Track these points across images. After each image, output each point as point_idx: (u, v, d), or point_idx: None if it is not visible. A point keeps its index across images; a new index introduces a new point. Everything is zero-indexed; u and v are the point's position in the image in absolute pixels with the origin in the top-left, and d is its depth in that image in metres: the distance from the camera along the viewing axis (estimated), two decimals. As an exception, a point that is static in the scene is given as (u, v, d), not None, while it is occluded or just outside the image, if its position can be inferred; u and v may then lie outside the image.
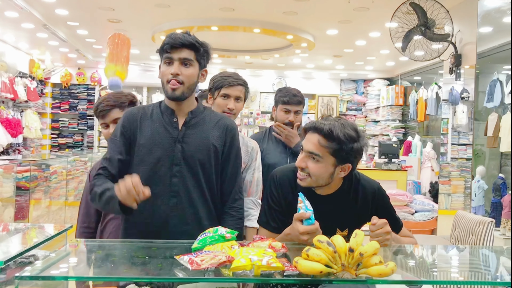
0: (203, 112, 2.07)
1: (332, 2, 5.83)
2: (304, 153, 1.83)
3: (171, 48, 1.93)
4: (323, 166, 1.80)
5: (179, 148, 1.97)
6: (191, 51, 1.95)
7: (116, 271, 1.45)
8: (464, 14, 5.54)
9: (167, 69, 1.95)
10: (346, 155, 1.79)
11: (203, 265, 1.37)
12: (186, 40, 1.93)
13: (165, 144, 1.97)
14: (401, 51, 5.61)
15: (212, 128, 2.03)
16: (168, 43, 1.93)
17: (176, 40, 1.93)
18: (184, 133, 1.99)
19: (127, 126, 2.01)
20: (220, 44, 8.61)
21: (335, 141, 1.76)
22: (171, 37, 1.94)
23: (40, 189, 6.02)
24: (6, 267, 1.49)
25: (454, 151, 6.03)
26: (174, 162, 1.95)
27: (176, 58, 1.94)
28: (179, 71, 1.93)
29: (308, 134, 1.84)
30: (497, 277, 1.64)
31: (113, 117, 2.35)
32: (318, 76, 11.34)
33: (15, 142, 8.63)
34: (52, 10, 6.44)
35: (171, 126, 1.99)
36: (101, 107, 2.35)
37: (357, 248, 1.40)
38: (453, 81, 5.77)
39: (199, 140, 1.99)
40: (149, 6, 6.19)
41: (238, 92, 2.52)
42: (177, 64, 1.94)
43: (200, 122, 2.03)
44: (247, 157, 2.58)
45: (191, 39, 1.95)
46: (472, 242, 3.31)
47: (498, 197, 5.87)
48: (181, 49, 1.93)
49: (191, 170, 1.96)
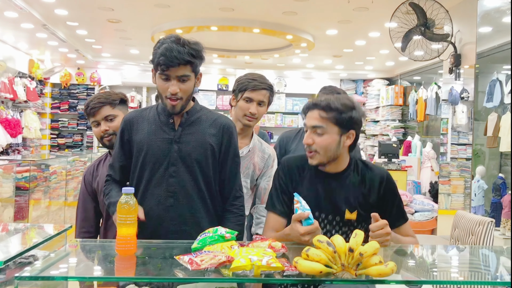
0: (199, 112, 2.06)
1: (332, 2, 5.83)
2: (309, 129, 1.92)
3: (169, 67, 1.89)
4: (328, 137, 1.88)
5: (176, 148, 1.97)
6: (187, 66, 1.92)
7: (115, 271, 1.45)
8: (464, 14, 5.54)
9: (165, 85, 1.93)
10: (348, 122, 1.89)
11: (203, 265, 1.37)
12: (182, 58, 1.88)
13: (162, 145, 1.97)
14: (400, 51, 5.61)
15: (209, 127, 2.03)
16: (164, 63, 1.87)
17: (172, 60, 1.87)
18: (180, 133, 1.99)
19: (126, 131, 2.04)
20: (220, 44, 8.61)
21: (334, 111, 1.87)
22: (166, 55, 1.87)
23: (40, 189, 6.02)
24: (5, 267, 1.49)
25: (453, 151, 6.03)
26: (171, 162, 1.96)
27: (173, 76, 1.92)
28: (177, 88, 1.92)
29: (309, 113, 1.93)
30: (497, 277, 1.64)
31: (104, 114, 2.35)
32: (317, 76, 11.34)
33: (15, 142, 8.63)
34: (52, 10, 6.43)
35: (167, 126, 2.00)
36: (92, 104, 2.35)
37: (357, 248, 1.40)
38: (453, 81, 5.77)
39: (195, 139, 1.99)
40: (149, 6, 6.19)
41: (261, 96, 2.45)
42: (174, 81, 1.92)
43: (196, 122, 2.03)
44: (262, 164, 2.54)
45: (187, 56, 1.89)
46: (472, 242, 3.31)
47: (498, 197, 5.87)
48: (178, 66, 1.90)
49: (188, 170, 1.96)
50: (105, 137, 2.36)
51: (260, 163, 2.53)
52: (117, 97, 2.41)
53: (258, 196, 2.56)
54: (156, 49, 1.92)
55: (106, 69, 10.96)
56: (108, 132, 2.35)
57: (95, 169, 2.46)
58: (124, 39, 8.21)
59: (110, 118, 2.36)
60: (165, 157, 1.96)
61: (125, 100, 2.46)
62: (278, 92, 11.17)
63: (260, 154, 2.54)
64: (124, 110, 2.43)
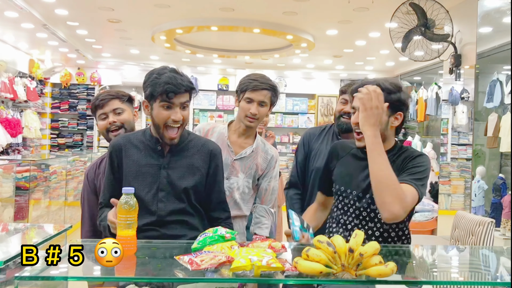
0: (187, 138, 2.10)
1: (332, 2, 5.83)
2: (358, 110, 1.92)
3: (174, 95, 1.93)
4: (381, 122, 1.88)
5: (164, 174, 2.01)
6: (187, 94, 1.98)
7: (115, 271, 1.45)
8: (464, 14, 5.54)
9: (166, 113, 1.96)
10: (396, 103, 1.92)
11: (202, 265, 1.37)
12: (187, 85, 1.96)
13: (151, 170, 2.01)
14: (401, 51, 5.61)
15: (197, 152, 2.08)
16: (172, 90, 1.92)
17: (179, 87, 1.93)
18: (169, 159, 2.03)
19: (114, 156, 2.06)
20: (220, 44, 8.60)
21: (384, 91, 1.88)
22: (172, 83, 1.92)
23: (40, 189, 6.02)
24: (5, 267, 1.49)
25: (454, 151, 6.04)
26: (160, 188, 1.99)
27: (177, 103, 1.95)
28: (181, 116, 1.97)
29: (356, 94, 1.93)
30: (497, 277, 1.64)
31: (113, 107, 2.39)
32: (318, 76, 11.34)
33: (15, 142, 8.63)
34: (52, 10, 6.43)
35: (156, 153, 2.04)
36: (102, 96, 2.39)
37: (357, 249, 1.40)
38: (453, 81, 5.77)
39: (184, 165, 2.03)
40: (149, 6, 6.19)
41: (262, 97, 2.43)
42: (177, 109, 1.96)
43: (185, 148, 2.07)
44: (265, 165, 2.53)
45: (188, 83, 1.97)
46: (472, 242, 3.31)
47: (498, 197, 5.87)
48: (183, 94, 1.95)
49: (177, 195, 2.00)
50: (112, 130, 2.39)
51: (263, 164, 2.53)
52: (126, 94, 2.48)
53: (258, 196, 2.56)
54: (154, 80, 1.94)
55: (106, 69, 10.95)
56: (116, 124, 2.39)
57: (97, 167, 2.47)
58: (124, 39, 8.21)
59: (118, 111, 2.40)
60: (154, 182, 2.00)
61: (132, 100, 2.52)
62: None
63: (263, 155, 2.54)
64: (131, 109, 2.48)
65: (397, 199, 1.70)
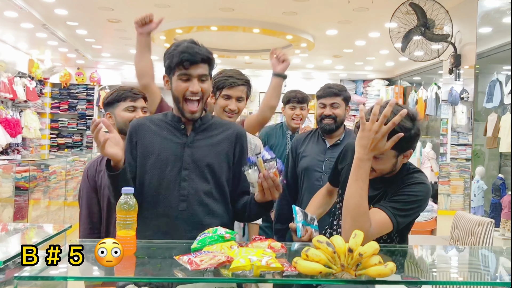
0: (211, 119, 2.05)
1: (332, 2, 5.83)
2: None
3: (190, 64, 1.86)
4: (385, 161, 1.79)
5: (188, 152, 1.94)
6: (206, 65, 1.91)
7: (115, 271, 1.45)
8: (464, 14, 5.54)
9: (184, 85, 1.89)
10: (406, 145, 1.76)
11: (202, 265, 1.37)
12: (204, 54, 1.88)
13: (174, 149, 1.94)
14: (400, 51, 5.61)
15: (221, 133, 2.01)
16: (188, 59, 1.85)
17: (195, 56, 1.86)
18: (193, 138, 1.96)
19: (134, 136, 1.99)
20: (220, 44, 8.60)
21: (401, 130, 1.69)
22: (188, 52, 1.86)
23: (39, 189, 6.02)
24: (5, 267, 1.49)
25: (453, 151, 6.03)
26: (183, 166, 1.92)
27: (194, 74, 1.88)
28: (199, 88, 1.90)
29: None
30: (497, 277, 1.64)
31: (142, 104, 2.44)
32: (317, 76, 11.34)
33: (14, 142, 8.63)
34: (52, 10, 6.43)
35: (179, 132, 1.97)
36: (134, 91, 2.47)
37: (356, 249, 1.40)
38: (453, 81, 5.77)
39: (208, 144, 1.97)
40: (149, 6, 6.19)
41: (239, 92, 2.50)
42: (195, 81, 1.89)
43: (209, 128, 2.00)
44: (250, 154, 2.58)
45: (206, 53, 1.90)
46: (471, 243, 3.31)
47: (498, 198, 5.87)
48: (199, 64, 1.88)
49: (201, 174, 1.93)
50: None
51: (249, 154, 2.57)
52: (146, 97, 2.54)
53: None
54: (172, 51, 1.89)
55: (106, 69, 10.96)
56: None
57: (98, 164, 2.44)
58: (124, 39, 8.21)
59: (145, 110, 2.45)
60: (177, 161, 1.93)
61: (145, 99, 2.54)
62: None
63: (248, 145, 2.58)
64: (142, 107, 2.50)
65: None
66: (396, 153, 1.78)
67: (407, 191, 1.80)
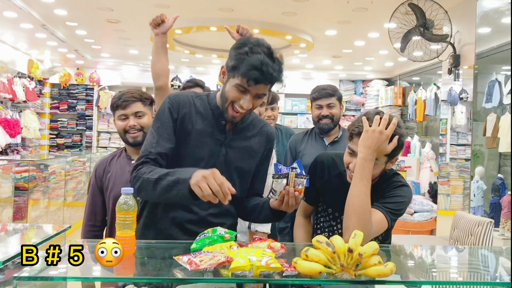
0: (249, 116, 1.98)
1: (331, 2, 5.83)
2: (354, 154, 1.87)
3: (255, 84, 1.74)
4: (378, 166, 1.85)
5: (224, 152, 1.90)
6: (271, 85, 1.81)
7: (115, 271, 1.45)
8: (463, 14, 5.54)
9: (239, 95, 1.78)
10: (397, 151, 1.86)
11: (202, 265, 1.37)
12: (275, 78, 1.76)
13: (212, 145, 1.89)
14: (400, 51, 5.62)
15: (256, 134, 1.98)
16: (256, 79, 1.72)
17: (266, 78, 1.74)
18: (231, 138, 1.92)
19: (175, 112, 1.86)
20: (219, 44, 8.60)
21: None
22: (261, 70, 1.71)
23: (39, 190, 6.02)
24: (4, 267, 1.49)
25: (453, 151, 6.04)
26: (216, 165, 1.81)
27: (253, 92, 1.77)
28: (251, 105, 1.81)
29: (356, 139, 1.85)
30: (496, 277, 1.65)
31: (135, 109, 2.34)
32: (317, 77, 11.34)
33: (14, 143, 8.63)
34: (51, 10, 6.43)
35: (218, 128, 1.90)
36: (125, 97, 2.33)
37: (356, 249, 1.40)
38: (452, 81, 5.77)
39: (243, 146, 1.94)
40: (148, 6, 6.19)
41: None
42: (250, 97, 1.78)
43: (246, 128, 1.97)
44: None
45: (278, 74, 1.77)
46: (471, 243, 3.32)
47: (497, 198, 5.87)
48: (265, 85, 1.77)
49: (229, 175, 1.82)
50: (131, 133, 2.33)
51: None
52: (149, 97, 2.44)
53: None
54: (244, 54, 1.74)
55: (106, 69, 10.95)
56: (136, 128, 2.33)
57: (107, 164, 2.43)
58: (124, 39, 8.20)
59: (140, 115, 2.35)
60: (211, 157, 1.87)
61: (153, 103, 2.47)
62: (277, 92, 11.17)
63: None
64: (151, 112, 2.43)
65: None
66: (387, 158, 1.87)
67: (396, 192, 1.90)
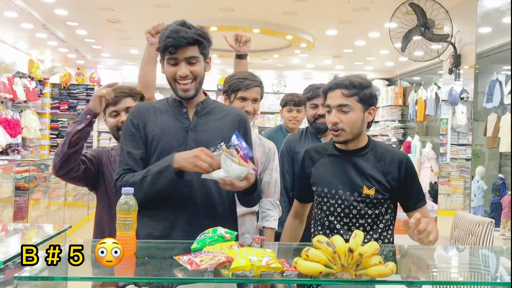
0: (213, 104, 2.03)
1: (332, 2, 5.83)
2: (334, 109, 1.96)
3: (177, 48, 1.84)
4: (354, 114, 1.95)
5: (192, 136, 1.91)
6: (195, 47, 1.87)
7: (115, 271, 1.45)
8: (464, 14, 5.54)
9: (173, 68, 1.88)
10: (369, 98, 1.97)
11: (202, 265, 1.37)
12: (190, 37, 1.84)
13: (177, 134, 1.91)
14: (400, 51, 5.61)
15: (224, 117, 1.98)
16: (172, 44, 1.83)
17: (180, 40, 1.82)
18: (196, 122, 1.94)
19: (137, 121, 1.94)
20: (220, 44, 8.56)
21: (357, 88, 1.94)
22: (173, 36, 1.83)
23: (39, 189, 6.02)
24: (5, 267, 1.49)
25: (453, 151, 6.03)
26: (187, 150, 1.84)
27: (181, 58, 1.86)
28: (187, 71, 1.88)
29: (330, 93, 1.98)
30: (497, 277, 1.64)
31: (126, 105, 2.32)
32: (317, 77, 11.33)
33: (14, 143, 8.62)
34: (52, 10, 6.43)
35: (181, 116, 1.94)
36: (115, 93, 2.31)
37: (356, 249, 1.40)
38: (453, 81, 5.77)
39: (211, 128, 1.94)
40: (149, 6, 6.19)
41: (255, 94, 2.49)
42: (183, 64, 1.88)
43: (211, 112, 1.98)
44: (264, 158, 2.56)
45: (194, 35, 1.85)
46: (471, 243, 3.31)
47: (498, 198, 5.87)
48: (186, 47, 1.85)
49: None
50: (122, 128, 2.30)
51: (262, 157, 2.56)
52: (138, 92, 2.45)
53: (262, 190, 2.56)
54: (162, 34, 1.88)
55: (106, 69, 10.95)
56: None
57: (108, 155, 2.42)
58: (124, 39, 8.20)
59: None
60: (181, 145, 1.89)
61: (143, 99, 2.46)
62: (278, 92, 11.17)
63: (260, 149, 2.57)
64: None
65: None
66: (362, 106, 1.96)
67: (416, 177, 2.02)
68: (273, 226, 2.51)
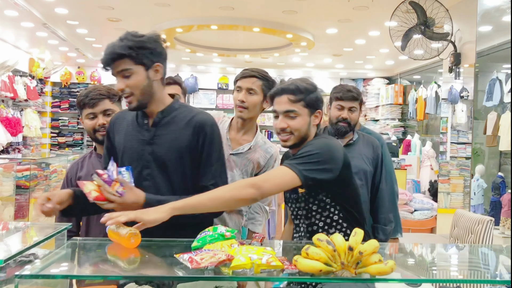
0: (176, 110, 1.94)
1: (332, 1, 5.83)
2: (281, 115, 1.96)
3: (107, 64, 1.84)
4: (301, 119, 1.95)
5: (149, 150, 1.88)
6: (126, 60, 1.82)
7: (116, 269, 1.45)
8: (464, 13, 5.54)
9: (116, 83, 1.88)
10: (315, 102, 1.97)
11: (202, 263, 1.37)
12: (115, 53, 1.80)
13: (136, 146, 1.90)
14: (400, 50, 5.61)
15: (184, 127, 1.90)
16: (102, 62, 1.85)
17: (107, 57, 1.82)
18: (153, 134, 1.90)
19: (112, 133, 2.01)
20: (220, 43, 8.60)
21: (303, 93, 1.94)
22: (105, 52, 1.83)
23: (40, 188, 6.02)
24: (6, 265, 1.49)
25: (453, 150, 6.03)
26: (144, 165, 1.87)
27: (114, 73, 1.86)
28: (123, 85, 1.84)
29: (277, 98, 1.97)
30: (497, 275, 1.65)
31: (103, 108, 2.25)
32: (317, 75, 11.33)
33: (15, 141, 8.62)
34: (52, 9, 6.43)
35: (143, 127, 1.92)
36: (92, 95, 2.24)
37: (356, 247, 1.41)
38: (453, 80, 5.77)
39: (169, 140, 1.88)
40: (149, 5, 6.19)
41: (250, 83, 2.42)
42: (119, 78, 1.85)
43: (171, 122, 1.91)
44: (263, 163, 2.53)
45: (119, 50, 1.80)
46: (471, 241, 3.32)
47: (497, 196, 5.88)
48: (118, 61, 1.82)
49: (163, 172, 1.86)
50: (100, 131, 2.25)
51: (262, 162, 2.53)
52: (116, 93, 2.31)
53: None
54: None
55: (106, 68, 10.95)
56: (106, 126, 2.21)
57: (79, 168, 2.38)
58: (124, 38, 8.19)
59: (109, 112, 2.25)
60: (139, 159, 1.88)
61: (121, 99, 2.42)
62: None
63: (263, 153, 2.54)
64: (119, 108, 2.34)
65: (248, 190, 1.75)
66: (308, 111, 1.95)
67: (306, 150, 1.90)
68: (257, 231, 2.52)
